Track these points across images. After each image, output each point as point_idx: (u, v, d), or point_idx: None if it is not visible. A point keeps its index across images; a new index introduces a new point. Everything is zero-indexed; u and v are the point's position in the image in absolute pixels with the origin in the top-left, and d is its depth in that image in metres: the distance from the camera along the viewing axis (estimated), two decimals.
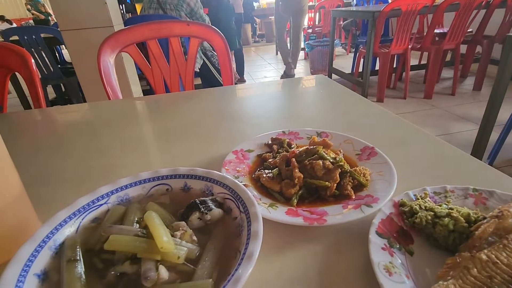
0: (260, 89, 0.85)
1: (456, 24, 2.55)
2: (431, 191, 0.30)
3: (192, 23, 1.20)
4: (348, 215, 0.28)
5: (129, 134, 0.57)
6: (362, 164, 0.37)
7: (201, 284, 0.20)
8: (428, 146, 0.45)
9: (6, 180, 0.28)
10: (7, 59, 0.81)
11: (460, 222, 0.25)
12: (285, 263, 0.26)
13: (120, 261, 0.22)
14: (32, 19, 6.16)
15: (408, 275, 0.23)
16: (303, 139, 0.44)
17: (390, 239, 0.25)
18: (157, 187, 0.30)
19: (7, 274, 0.19)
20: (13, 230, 0.29)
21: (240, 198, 0.26)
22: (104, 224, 0.26)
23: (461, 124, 2.36)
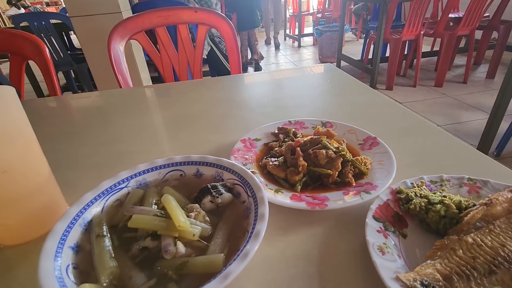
0: (267, 78, 0.86)
1: (472, 8, 2.47)
2: (428, 180, 0.32)
3: (200, 9, 1.20)
4: (348, 201, 0.30)
5: (142, 122, 0.60)
6: (364, 153, 0.39)
7: (214, 257, 0.22)
8: (431, 136, 0.46)
9: (36, 165, 0.31)
10: (22, 47, 0.84)
11: (451, 208, 0.27)
12: (288, 243, 0.29)
13: (142, 237, 0.25)
14: (39, 4, 6.17)
15: (399, 255, 0.25)
16: (308, 129, 0.46)
17: (386, 223, 0.28)
18: (171, 173, 0.33)
19: (47, 247, 0.22)
20: (43, 210, 0.32)
21: (248, 184, 0.28)
22: (126, 205, 0.29)
23: (472, 113, 2.33)
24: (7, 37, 0.83)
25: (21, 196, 0.29)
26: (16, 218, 0.30)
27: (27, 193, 0.30)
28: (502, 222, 0.24)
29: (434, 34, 2.71)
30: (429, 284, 0.22)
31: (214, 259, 0.22)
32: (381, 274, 0.23)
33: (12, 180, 0.28)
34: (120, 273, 0.22)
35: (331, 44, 3.78)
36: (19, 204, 0.29)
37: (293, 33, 5.28)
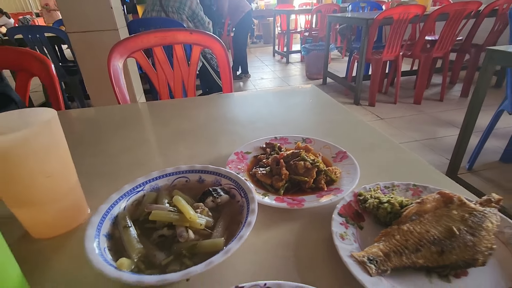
0: (257, 97, 0.95)
1: (445, 33, 2.68)
2: (382, 185, 0.41)
3: (194, 31, 1.30)
4: (320, 202, 0.39)
5: (145, 136, 0.67)
6: (335, 164, 0.47)
7: (216, 240, 0.30)
8: (391, 151, 0.55)
9: (70, 171, 0.38)
10: (30, 64, 0.90)
11: (395, 206, 0.35)
12: (272, 234, 0.37)
13: (160, 227, 0.32)
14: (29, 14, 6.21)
15: (356, 240, 0.33)
16: (291, 144, 0.55)
17: (347, 218, 0.36)
18: (179, 179, 0.40)
19: (88, 233, 0.29)
20: (72, 209, 0.39)
21: (242, 188, 0.36)
22: (144, 204, 0.36)
23: (446, 129, 2.49)
24: (16, 55, 0.90)
25: (58, 196, 0.36)
26: (52, 215, 0.36)
27: (63, 194, 0.36)
28: (429, 215, 0.33)
29: (412, 56, 2.91)
30: (373, 259, 0.30)
31: (217, 241, 0.30)
32: (340, 253, 0.31)
33: (53, 183, 0.35)
34: (146, 252, 0.29)
35: (317, 62, 3.95)
36: (56, 203, 0.36)
37: (282, 49, 5.47)
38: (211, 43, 1.26)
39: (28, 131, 0.31)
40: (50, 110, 0.35)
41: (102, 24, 1.75)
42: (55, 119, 0.35)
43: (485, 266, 0.30)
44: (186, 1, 2.36)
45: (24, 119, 0.35)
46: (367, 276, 0.28)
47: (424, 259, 0.30)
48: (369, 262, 0.30)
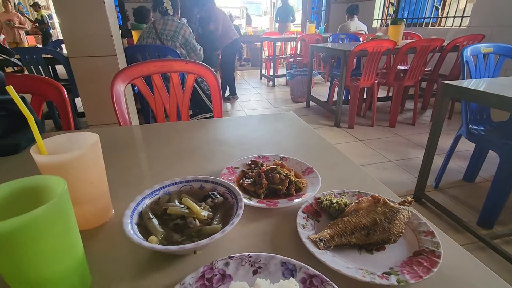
0: (244, 122, 1.10)
1: (414, 65, 2.98)
2: (336, 192, 0.56)
3: (189, 62, 1.46)
4: (290, 203, 0.53)
5: (148, 153, 0.80)
6: (304, 177, 0.62)
7: (216, 226, 0.43)
8: (349, 168, 0.71)
9: (104, 179, 0.50)
10: (44, 90, 1.03)
11: (341, 205, 0.50)
12: (254, 226, 0.50)
13: (174, 219, 0.45)
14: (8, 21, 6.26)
15: (313, 229, 0.47)
16: (271, 161, 0.69)
17: (308, 214, 0.50)
18: (185, 186, 0.54)
19: (125, 221, 0.42)
20: (103, 207, 0.51)
21: (232, 192, 0.50)
22: (161, 203, 0.49)
23: (418, 150, 2.71)
24: (32, 81, 1.02)
25: (96, 198, 0.48)
26: (91, 212, 0.49)
27: (99, 196, 0.49)
28: (363, 211, 0.48)
29: (386, 84, 3.19)
30: (322, 239, 0.44)
31: (216, 227, 0.43)
32: (300, 236, 0.44)
33: (94, 188, 0.48)
34: (166, 234, 0.42)
35: (301, 86, 4.21)
36: (94, 203, 0.48)
37: (268, 73, 5.75)
38: (204, 72, 1.43)
39: (82, 151, 0.44)
40: (94, 135, 0.49)
41: (102, 50, 1.90)
42: (98, 141, 0.48)
43: (396, 244, 0.44)
44: (180, 30, 2.55)
45: (75, 141, 0.48)
46: (317, 250, 0.42)
47: (356, 239, 0.44)
48: (319, 241, 0.44)
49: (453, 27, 4.58)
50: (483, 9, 3.72)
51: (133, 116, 2.26)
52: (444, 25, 4.81)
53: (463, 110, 1.78)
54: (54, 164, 0.42)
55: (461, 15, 4.43)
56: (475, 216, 1.78)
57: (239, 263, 0.40)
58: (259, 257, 0.40)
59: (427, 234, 0.45)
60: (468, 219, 1.76)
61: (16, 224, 0.28)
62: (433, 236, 0.44)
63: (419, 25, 5.27)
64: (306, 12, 7.45)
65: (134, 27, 3.12)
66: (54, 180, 0.35)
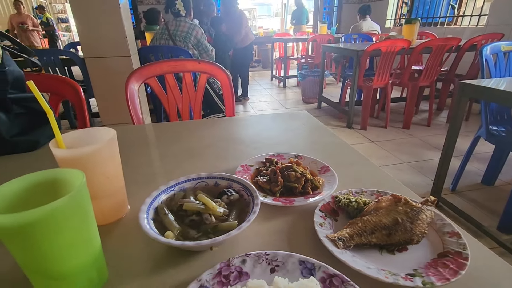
0: (257, 120, 1.09)
1: (429, 65, 2.91)
2: (354, 191, 0.54)
3: (202, 61, 1.46)
4: (306, 201, 0.52)
5: (163, 151, 0.80)
6: (320, 175, 0.61)
7: (232, 223, 0.43)
8: (366, 167, 0.69)
9: (120, 175, 0.50)
10: (62, 89, 1.05)
11: (360, 204, 0.48)
12: (270, 224, 0.49)
13: (190, 215, 0.45)
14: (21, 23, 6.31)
15: (331, 227, 0.46)
16: (286, 159, 0.68)
17: (326, 213, 0.49)
18: (200, 183, 0.53)
19: (141, 216, 0.42)
20: (119, 203, 0.51)
21: (248, 189, 0.49)
22: (176, 199, 0.49)
23: (434, 152, 2.64)
24: (50, 80, 1.04)
25: (113, 193, 0.49)
26: (107, 207, 0.49)
27: (115, 191, 0.49)
28: (383, 210, 0.46)
29: (400, 84, 3.13)
30: (341, 238, 0.43)
31: (232, 223, 0.43)
32: (318, 234, 0.43)
33: (110, 183, 0.48)
34: (182, 230, 0.42)
35: (313, 87, 4.18)
36: (110, 198, 0.49)
37: (279, 74, 5.73)
38: (217, 72, 1.43)
39: (98, 145, 0.44)
40: (111, 130, 0.49)
41: (116, 51, 1.93)
42: (114, 137, 0.48)
43: (419, 244, 0.43)
44: (192, 31, 2.58)
45: (92, 136, 0.49)
46: (336, 249, 0.41)
47: (377, 239, 0.43)
48: (338, 240, 0.42)
49: (469, 26, 4.46)
50: (502, 7, 3.61)
51: (145, 116, 2.29)
52: (460, 24, 4.69)
53: (482, 111, 1.72)
54: (72, 158, 0.42)
55: (478, 14, 4.31)
56: (495, 220, 1.71)
57: (256, 261, 0.39)
58: (277, 255, 0.39)
59: (452, 235, 0.43)
60: (487, 223, 1.70)
61: (35, 216, 0.28)
62: (459, 237, 0.42)
63: (434, 24, 5.16)
64: (318, 12, 7.41)
65: (147, 29, 3.17)
66: (72, 173, 0.35)
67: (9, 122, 0.78)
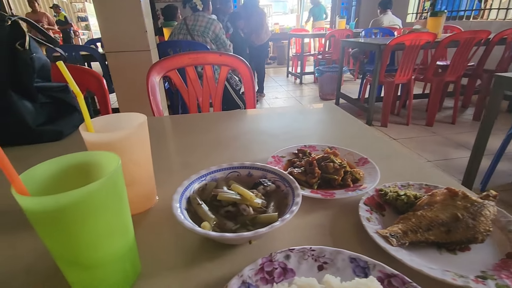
0: (282, 113, 1.05)
1: (456, 59, 2.78)
2: (399, 184, 0.49)
3: (223, 54, 1.43)
4: (348, 194, 0.47)
5: (189, 142, 0.77)
6: (358, 168, 0.56)
7: (272, 215, 0.39)
8: (407, 160, 0.64)
9: (149, 162, 0.48)
10: (86, 80, 1.04)
11: (410, 198, 0.44)
12: (309, 218, 0.45)
13: (225, 205, 0.41)
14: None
15: (379, 223, 0.42)
16: (318, 151, 0.64)
17: (371, 206, 0.45)
18: (231, 173, 0.50)
19: (174, 206, 0.39)
20: (148, 192, 0.49)
21: (285, 180, 0.45)
22: (208, 190, 0.46)
23: (459, 151, 2.52)
24: (74, 71, 1.04)
25: (142, 180, 0.46)
26: (137, 196, 0.46)
27: (144, 179, 0.47)
28: (438, 205, 0.41)
29: (424, 79, 3.00)
30: (394, 235, 0.38)
31: (272, 215, 0.39)
32: (367, 230, 0.39)
33: (141, 170, 0.45)
34: (218, 221, 0.39)
35: (330, 83, 4.09)
36: (140, 185, 0.46)
37: (295, 71, 5.66)
38: (238, 64, 1.39)
39: (130, 130, 0.42)
40: (141, 116, 0.46)
41: (136, 46, 1.93)
42: (145, 122, 0.45)
43: (483, 244, 0.38)
44: (210, 26, 2.56)
45: (122, 121, 0.46)
46: (390, 246, 0.37)
47: (435, 236, 0.38)
48: (391, 237, 0.38)
49: (497, 19, 4.24)
50: None
51: (164, 111, 2.29)
52: (487, 18, 4.47)
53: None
54: (102, 142, 0.40)
55: (506, 7, 4.09)
56: None
57: (301, 257, 0.35)
58: (323, 251, 0.35)
59: None
60: None
61: (74, 198, 0.25)
62: None
63: (458, 18, 4.94)
64: (336, 7, 7.26)
65: (165, 25, 3.18)
66: (106, 156, 0.32)
67: (35, 111, 0.78)
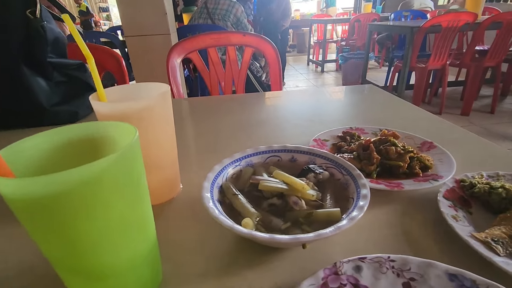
0: (314, 94, 0.95)
1: (498, 42, 2.53)
2: (486, 175, 0.39)
3: (247, 34, 1.33)
4: (420, 185, 0.37)
5: (212, 125, 0.69)
6: (423, 153, 0.46)
7: (333, 210, 0.30)
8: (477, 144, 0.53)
9: (173, 143, 0.40)
10: (104, 60, 0.98)
11: (510, 192, 0.33)
12: (373, 214, 0.36)
13: (268, 197, 0.33)
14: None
15: (469, 223, 0.32)
16: (368, 134, 0.54)
17: (454, 201, 0.34)
18: (271, 158, 0.41)
19: (205, 197, 0.31)
20: (171, 180, 0.41)
21: (342, 166, 0.36)
22: (243, 177, 0.37)
23: (499, 142, 2.32)
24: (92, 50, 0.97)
25: (164, 165, 0.38)
26: (159, 182, 0.38)
27: (168, 163, 0.39)
28: None
29: (460, 65, 2.77)
30: (498, 240, 0.28)
31: (333, 211, 0.30)
32: (459, 232, 0.29)
33: (163, 152, 0.37)
34: (262, 217, 0.30)
35: (355, 71, 3.89)
36: (163, 171, 0.38)
37: (317, 58, 5.45)
38: (264, 45, 1.29)
39: (151, 100, 0.33)
40: (164, 85, 0.38)
41: (156, 29, 1.86)
42: (168, 92, 0.37)
43: None
44: (231, 9, 2.44)
45: (141, 90, 0.38)
46: (497, 256, 0.27)
47: None
48: (494, 243, 0.28)
49: None
50: None
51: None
52: None
53: None
54: (117, 113, 0.32)
55: None
56: None
57: (376, 269, 0.26)
58: (407, 263, 0.26)
59: None
60: None
61: (69, 181, 0.17)
62: None
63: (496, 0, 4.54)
64: None
65: (184, 10, 3.10)
66: (119, 127, 0.24)
67: (50, 90, 0.72)
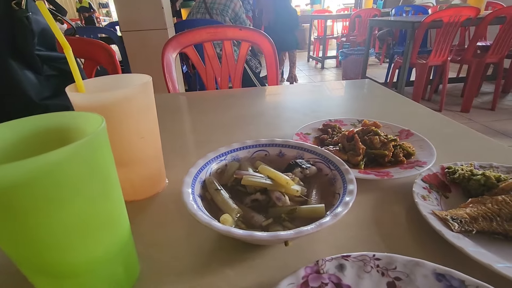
0: (310, 89, 0.93)
1: (501, 37, 2.50)
2: (477, 164, 0.37)
3: (244, 28, 1.31)
4: (407, 172, 0.37)
5: (207, 119, 0.68)
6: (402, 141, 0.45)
7: (317, 207, 0.29)
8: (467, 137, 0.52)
9: (156, 135, 0.38)
10: (96, 53, 0.96)
11: (490, 179, 0.32)
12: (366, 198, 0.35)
13: (252, 192, 0.31)
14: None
15: (438, 204, 0.31)
16: (347, 125, 0.53)
17: (432, 185, 0.34)
18: (258, 152, 0.40)
19: (185, 192, 0.29)
20: (155, 174, 0.40)
21: (330, 161, 0.35)
22: (228, 172, 0.36)
23: (500, 139, 2.30)
24: (84, 44, 0.96)
25: (147, 158, 0.37)
26: (140, 177, 0.37)
27: (151, 157, 0.37)
28: None
29: (461, 61, 2.74)
30: (457, 219, 0.27)
31: (317, 208, 0.29)
32: (420, 209, 0.29)
33: (145, 145, 0.36)
34: (243, 213, 0.29)
35: (355, 67, 3.86)
36: (145, 165, 0.37)
37: (317, 55, 5.42)
38: (260, 39, 1.27)
39: (130, 90, 0.32)
40: (146, 76, 0.36)
41: (153, 24, 1.84)
42: (150, 82, 0.35)
43: None
44: (230, 4, 2.42)
45: (122, 81, 0.37)
46: (449, 231, 0.26)
47: None
48: (452, 220, 0.27)
49: None
50: None
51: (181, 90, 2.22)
52: None
53: None
54: (95, 105, 0.30)
55: None
56: None
57: (361, 268, 0.25)
58: (393, 261, 0.25)
59: None
60: None
61: (22, 172, 0.16)
62: None
63: None
64: None
65: (183, 5, 3.07)
66: (87, 117, 0.23)
67: (39, 83, 0.70)
